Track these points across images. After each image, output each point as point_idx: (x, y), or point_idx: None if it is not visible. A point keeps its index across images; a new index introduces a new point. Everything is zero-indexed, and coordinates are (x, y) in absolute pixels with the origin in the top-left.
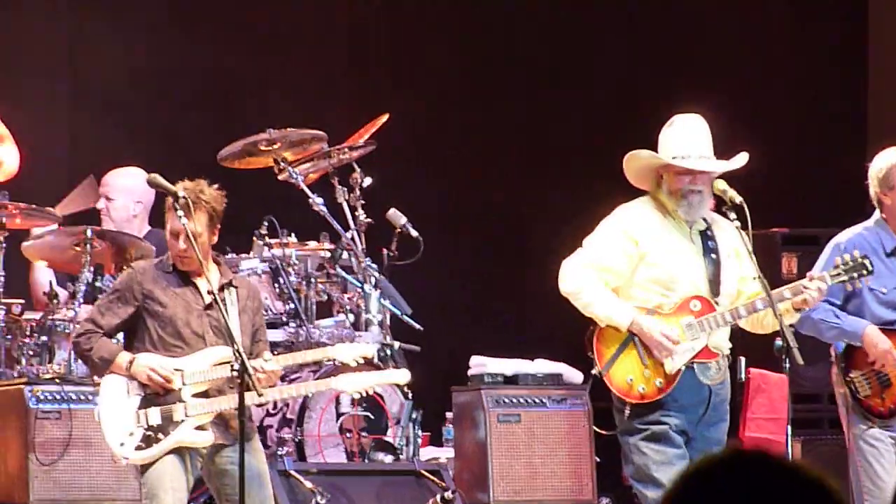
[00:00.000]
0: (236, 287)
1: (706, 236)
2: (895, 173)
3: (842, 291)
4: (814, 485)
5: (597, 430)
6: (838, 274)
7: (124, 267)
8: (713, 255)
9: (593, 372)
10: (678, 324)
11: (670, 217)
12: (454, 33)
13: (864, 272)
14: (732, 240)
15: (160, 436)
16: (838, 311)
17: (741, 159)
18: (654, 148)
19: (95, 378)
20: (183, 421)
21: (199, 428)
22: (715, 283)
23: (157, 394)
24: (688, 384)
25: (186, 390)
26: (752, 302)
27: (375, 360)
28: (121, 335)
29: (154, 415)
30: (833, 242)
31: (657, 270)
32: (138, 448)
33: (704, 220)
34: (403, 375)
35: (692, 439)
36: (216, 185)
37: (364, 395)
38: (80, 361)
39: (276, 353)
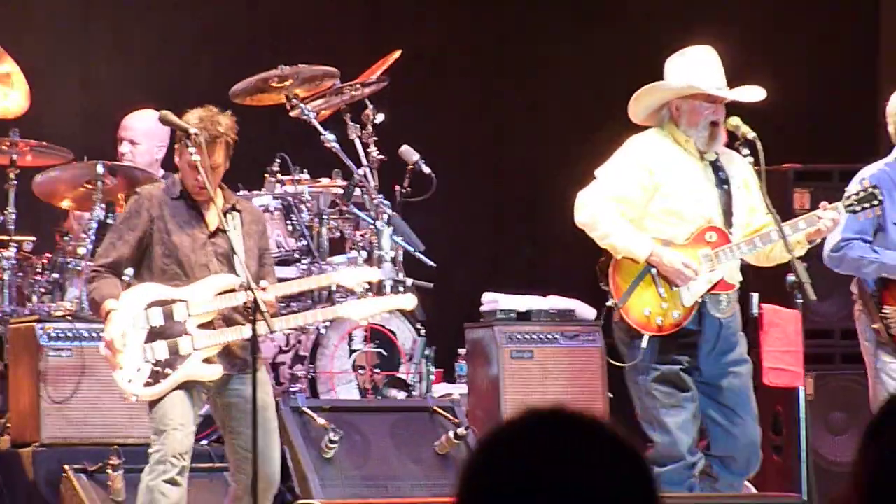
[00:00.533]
0: (240, 211)
1: (717, 167)
2: None
3: (872, 227)
4: (611, 441)
5: (611, 361)
6: (850, 204)
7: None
8: (725, 186)
9: (608, 304)
10: (695, 255)
11: (682, 148)
12: None
13: (875, 202)
14: (742, 171)
15: (168, 371)
16: (875, 247)
17: (760, 93)
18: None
19: None
20: (190, 354)
21: (207, 361)
22: (728, 214)
23: (163, 327)
24: (701, 317)
25: (192, 322)
26: (768, 232)
27: (377, 279)
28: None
29: (161, 349)
30: (857, 177)
31: (671, 201)
32: (147, 384)
33: (715, 151)
34: (409, 300)
35: (704, 369)
36: (228, 112)
37: (378, 328)
38: None
39: None
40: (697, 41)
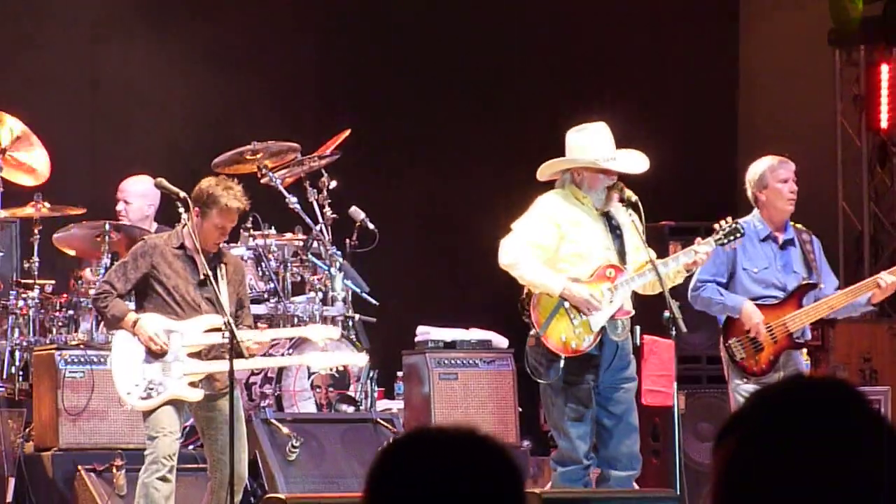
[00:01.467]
0: (225, 263)
1: (609, 217)
2: (768, 175)
3: (727, 270)
4: (481, 446)
5: (534, 378)
6: (719, 238)
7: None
8: (617, 232)
9: (531, 333)
10: (599, 288)
11: (581, 204)
12: (399, 64)
13: (739, 234)
14: (626, 219)
15: (160, 388)
16: (722, 290)
17: (646, 163)
18: (561, 148)
19: (110, 337)
20: (179, 378)
21: (192, 385)
22: (622, 254)
23: (158, 353)
24: (605, 339)
25: (182, 351)
26: (653, 268)
27: (337, 337)
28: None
29: (156, 370)
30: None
31: (576, 246)
32: (142, 398)
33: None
34: (361, 359)
35: (601, 382)
36: (236, 180)
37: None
38: (100, 329)
39: (258, 324)
40: (588, 118)
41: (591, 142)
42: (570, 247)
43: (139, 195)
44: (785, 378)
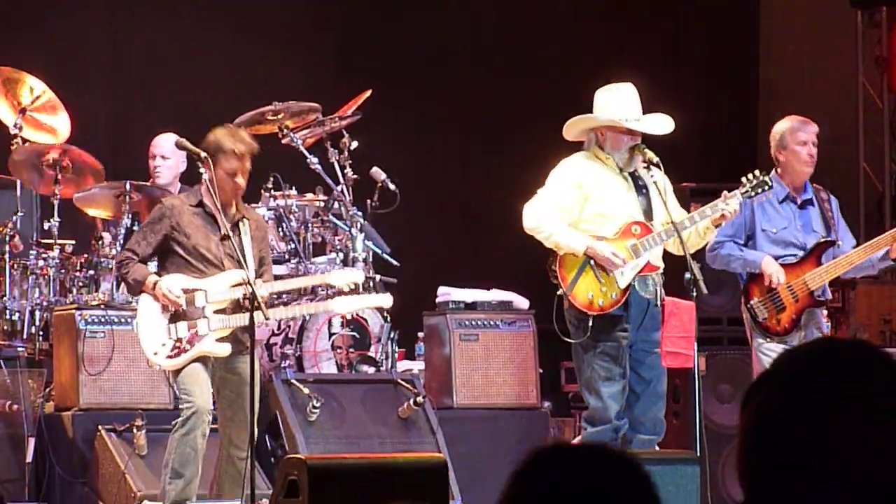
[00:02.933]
0: (248, 219)
1: (636, 178)
2: (787, 136)
3: (744, 230)
4: (627, 467)
5: (564, 338)
6: (746, 191)
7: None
8: (644, 191)
9: (559, 293)
10: (624, 246)
11: (604, 165)
12: (420, 25)
13: (766, 187)
14: (660, 181)
15: (187, 346)
16: (742, 246)
17: (671, 124)
18: (588, 109)
19: (132, 301)
20: (206, 334)
21: (219, 340)
22: (648, 213)
23: (179, 311)
24: (633, 297)
25: (209, 308)
26: (681, 221)
27: (360, 289)
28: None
29: (182, 328)
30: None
31: (600, 206)
32: (169, 357)
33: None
34: (387, 299)
35: (633, 343)
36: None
37: (353, 316)
38: (121, 290)
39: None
40: (612, 80)
41: (615, 101)
42: (594, 206)
43: (175, 151)
44: (812, 340)
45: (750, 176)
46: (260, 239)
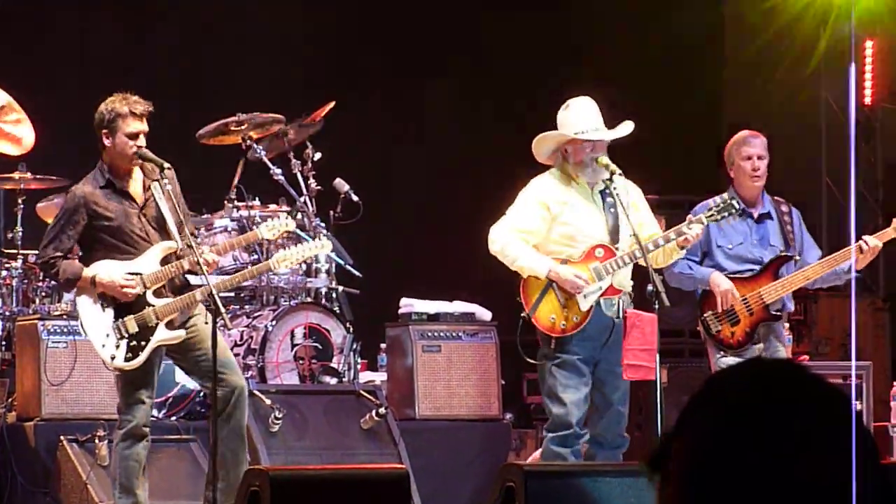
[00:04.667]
0: (156, 180)
1: (605, 194)
2: (733, 152)
3: (700, 248)
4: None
5: (527, 359)
6: (712, 215)
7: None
8: (612, 210)
9: (522, 315)
10: (587, 269)
11: (574, 183)
12: (384, 36)
13: (733, 210)
14: (631, 195)
15: (142, 343)
16: (693, 264)
17: (628, 127)
18: (554, 128)
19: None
20: (157, 324)
21: (170, 325)
22: (614, 233)
23: (126, 303)
24: (596, 317)
25: (150, 294)
26: (645, 245)
27: (293, 228)
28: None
29: (132, 324)
30: (701, 205)
31: (567, 228)
32: (127, 359)
33: (604, 181)
34: (325, 245)
35: (598, 362)
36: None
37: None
38: None
39: (242, 294)
40: (575, 94)
41: (572, 116)
42: (561, 228)
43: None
44: (743, 361)
45: (718, 199)
46: (177, 195)
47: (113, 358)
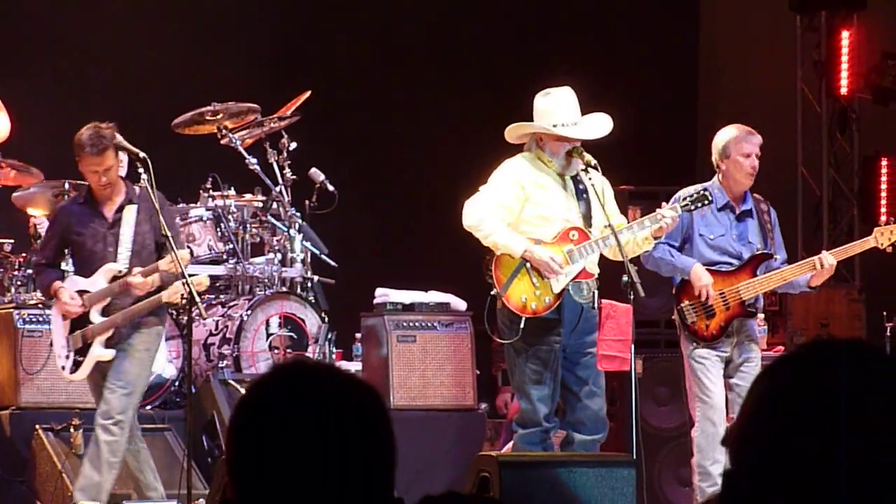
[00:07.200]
0: (136, 204)
1: (577, 181)
2: (731, 146)
3: (680, 235)
4: (348, 382)
5: (494, 338)
6: (686, 205)
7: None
8: (584, 196)
9: (492, 293)
10: (560, 251)
11: (546, 167)
12: (359, 26)
13: (706, 202)
14: (601, 184)
15: (84, 358)
16: (673, 250)
17: (608, 126)
18: (528, 111)
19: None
20: (93, 340)
21: (109, 342)
22: (587, 218)
23: (77, 319)
24: (566, 302)
25: (93, 312)
26: (619, 231)
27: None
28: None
29: (77, 339)
30: (678, 194)
31: (540, 208)
32: (72, 371)
33: (576, 169)
34: (203, 282)
35: (567, 346)
36: (109, 123)
37: (291, 316)
38: None
39: (218, 284)
40: (552, 83)
41: (552, 107)
42: (534, 209)
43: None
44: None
45: (690, 189)
46: (151, 225)
47: (63, 368)
